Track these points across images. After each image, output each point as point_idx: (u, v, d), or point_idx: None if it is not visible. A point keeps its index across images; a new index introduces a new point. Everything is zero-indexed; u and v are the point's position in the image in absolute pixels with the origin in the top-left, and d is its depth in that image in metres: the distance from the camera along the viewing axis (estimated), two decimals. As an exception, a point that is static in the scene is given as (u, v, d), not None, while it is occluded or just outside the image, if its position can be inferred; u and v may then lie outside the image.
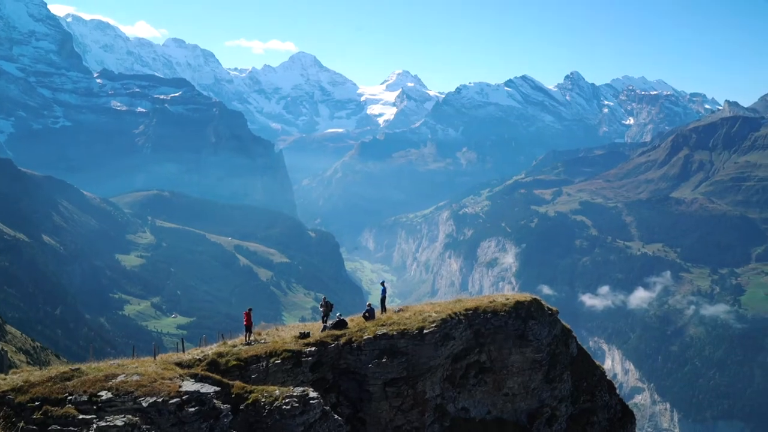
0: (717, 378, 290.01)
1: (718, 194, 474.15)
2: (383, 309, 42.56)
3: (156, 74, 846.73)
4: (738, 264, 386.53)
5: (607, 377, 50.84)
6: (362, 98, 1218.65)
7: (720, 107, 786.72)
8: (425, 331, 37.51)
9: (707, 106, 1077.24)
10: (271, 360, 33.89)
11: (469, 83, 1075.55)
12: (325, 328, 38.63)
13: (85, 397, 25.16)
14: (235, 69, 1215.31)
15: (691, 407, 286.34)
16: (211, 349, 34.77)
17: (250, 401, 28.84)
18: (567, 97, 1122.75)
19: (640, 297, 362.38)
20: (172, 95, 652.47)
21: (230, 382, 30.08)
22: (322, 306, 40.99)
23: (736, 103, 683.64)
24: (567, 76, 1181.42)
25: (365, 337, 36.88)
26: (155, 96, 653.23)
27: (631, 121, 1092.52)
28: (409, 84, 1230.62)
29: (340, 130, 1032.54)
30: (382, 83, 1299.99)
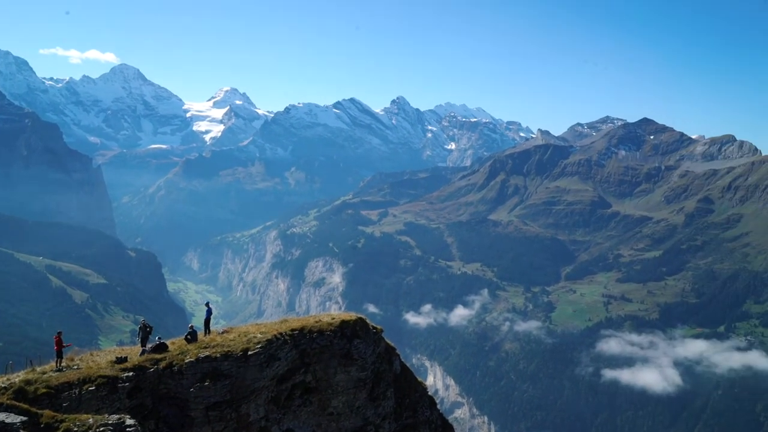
0: (531, 391, 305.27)
1: (531, 217, 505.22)
2: (207, 331, 41.58)
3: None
4: (549, 282, 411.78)
5: (429, 393, 52.23)
6: (188, 114, 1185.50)
7: (533, 135, 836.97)
8: (250, 353, 37.00)
9: (522, 134, 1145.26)
10: (85, 387, 32.06)
11: (298, 103, 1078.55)
12: (144, 352, 37.09)
13: None
14: (51, 79, 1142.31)
15: (507, 419, 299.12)
16: (18, 377, 32.39)
17: (60, 431, 27.10)
18: (393, 121, 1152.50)
19: (460, 314, 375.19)
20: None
21: (39, 411, 28.13)
22: (140, 329, 39.43)
23: (548, 132, 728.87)
24: (393, 101, 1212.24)
25: (187, 361, 35.79)
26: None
27: (452, 146, 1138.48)
28: (237, 102, 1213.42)
29: (164, 146, 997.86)
30: (209, 100, 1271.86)
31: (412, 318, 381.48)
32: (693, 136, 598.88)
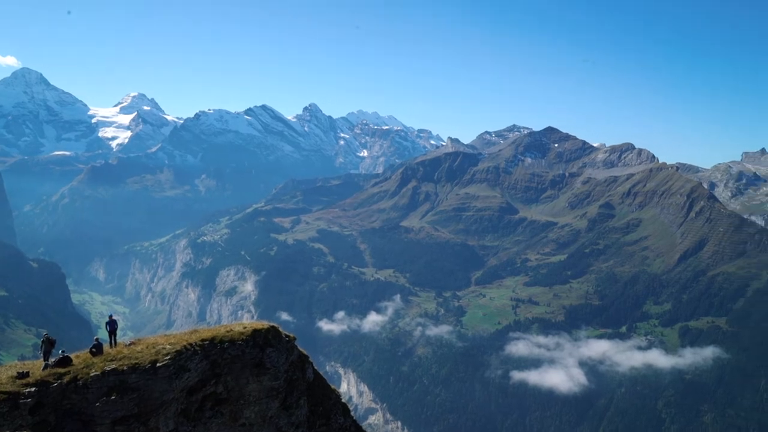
0: (443, 394, 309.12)
1: (442, 223, 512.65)
2: (113, 343, 40.99)
3: None
4: (459, 287, 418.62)
5: (343, 400, 52.59)
6: (94, 120, 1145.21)
7: (444, 143, 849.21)
8: (158, 365, 36.55)
9: (432, 142, 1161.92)
10: (-15, 404, 31.42)
11: (209, 110, 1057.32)
12: (47, 366, 36.23)
13: None
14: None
15: (420, 424, 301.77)
16: None
17: (-40, 450, 26.59)
18: (305, 128, 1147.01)
19: (373, 321, 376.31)
20: None
21: (-63, 431, 27.52)
22: (43, 342, 38.60)
23: (457, 140, 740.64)
24: (305, 108, 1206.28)
25: (92, 374, 35.13)
26: None
27: (365, 153, 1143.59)
28: (145, 107, 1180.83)
29: (68, 152, 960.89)
30: (115, 105, 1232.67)
31: (325, 325, 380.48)
32: (594, 144, 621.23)
